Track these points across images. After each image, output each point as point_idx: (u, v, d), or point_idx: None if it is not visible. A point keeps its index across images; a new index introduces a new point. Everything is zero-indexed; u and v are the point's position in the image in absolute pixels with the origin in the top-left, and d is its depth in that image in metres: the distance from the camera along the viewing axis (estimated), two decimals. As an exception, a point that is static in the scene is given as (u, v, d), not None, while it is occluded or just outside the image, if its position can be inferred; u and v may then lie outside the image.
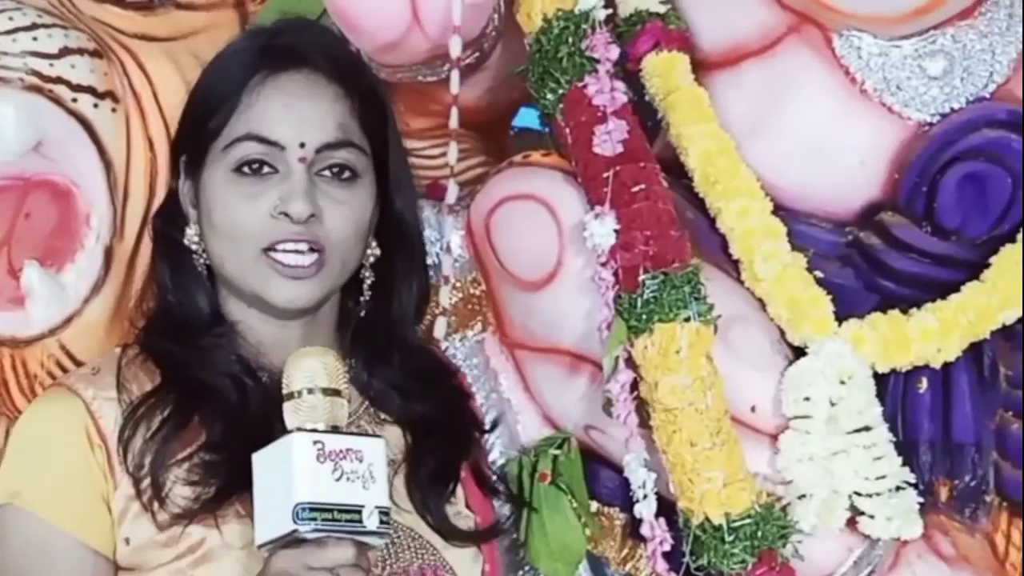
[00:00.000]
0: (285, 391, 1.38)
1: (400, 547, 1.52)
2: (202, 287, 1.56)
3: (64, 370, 2.02)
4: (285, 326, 1.55)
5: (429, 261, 1.75)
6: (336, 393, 1.38)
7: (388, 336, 1.59)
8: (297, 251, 1.50)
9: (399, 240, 1.59)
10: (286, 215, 1.49)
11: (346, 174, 1.53)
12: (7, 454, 1.56)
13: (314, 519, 1.32)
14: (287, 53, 1.54)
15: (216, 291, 1.56)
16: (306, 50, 1.55)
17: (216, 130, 1.52)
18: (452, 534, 1.55)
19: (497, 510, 1.69)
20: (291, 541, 1.34)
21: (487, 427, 1.74)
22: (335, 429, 1.36)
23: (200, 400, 1.50)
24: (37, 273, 1.99)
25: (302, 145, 1.50)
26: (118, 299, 2.05)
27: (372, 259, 1.58)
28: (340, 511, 1.33)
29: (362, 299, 1.59)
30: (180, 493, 1.46)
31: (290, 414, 1.37)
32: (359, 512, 1.33)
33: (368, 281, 1.58)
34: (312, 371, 1.38)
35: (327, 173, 1.52)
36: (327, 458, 1.33)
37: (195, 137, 1.55)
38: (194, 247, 1.55)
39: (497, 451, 1.87)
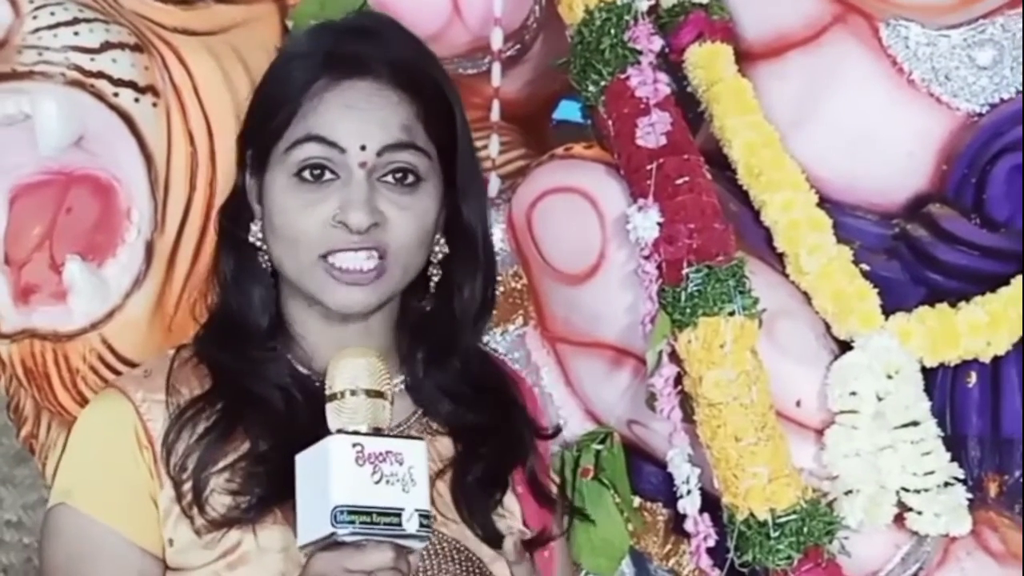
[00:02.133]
0: (328, 392, 1.37)
1: (443, 558, 1.50)
2: (263, 288, 1.55)
3: (106, 364, 2.02)
4: (344, 327, 1.54)
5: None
6: (379, 395, 1.36)
7: (447, 336, 1.57)
8: (356, 255, 1.48)
9: (462, 244, 1.57)
10: (344, 224, 1.47)
11: (409, 179, 1.50)
12: (64, 455, 1.57)
13: (352, 522, 1.30)
14: (350, 61, 1.51)
15: (278, 291, 1.56)
16: (369, 59, 1.52)
17: (277, 131, 1.51)
18: (500, 541, 1.51)
19: (560, 524, 1.65)
20: (330, 543, 1.32)
21: (549, 431, 1.67)
22: (377, 431, 1.35)
23: (247, 409, 1.49)
24: (79, 267, 1.99)
25: (363, 148, 1.48)
26: (159, 293, 2.05)
27: (440, 256, 1.55)
28: (379, 514, 1.31)
29: (428, 295, 1.57)
30: (220, 501, 1.45)
31: (332, 415, 1.36)
32: (398, 515, 1.32)
33: (435, 278, 1.56)
34: (354, 372, 1.36)
35: (390, 179, 1.49)
36: (366, 461, 1.32)
37: (258, 136, 1.54)
38: (259, 243, 1.54)
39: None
